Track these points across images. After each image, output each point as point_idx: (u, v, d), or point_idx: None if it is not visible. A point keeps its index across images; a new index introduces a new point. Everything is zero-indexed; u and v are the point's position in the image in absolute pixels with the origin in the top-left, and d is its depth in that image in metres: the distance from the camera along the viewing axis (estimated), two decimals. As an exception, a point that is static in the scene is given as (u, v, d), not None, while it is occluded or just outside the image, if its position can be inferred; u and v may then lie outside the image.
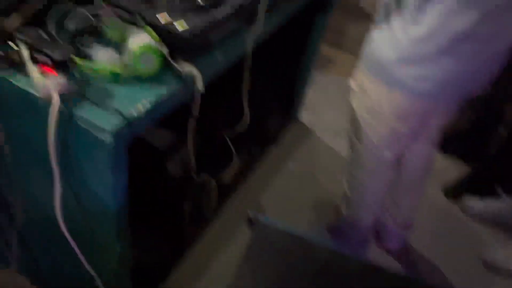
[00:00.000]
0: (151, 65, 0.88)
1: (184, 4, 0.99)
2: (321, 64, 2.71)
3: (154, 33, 0.91)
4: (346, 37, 2.94)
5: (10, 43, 0.84)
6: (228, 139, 1.44)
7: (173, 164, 1.25)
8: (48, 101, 0.77)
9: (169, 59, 0.89)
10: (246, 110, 1.28)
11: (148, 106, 0.83)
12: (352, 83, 1.31)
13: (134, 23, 0.93)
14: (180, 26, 0.92)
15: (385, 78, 1.12)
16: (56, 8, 0.93)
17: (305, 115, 2.32)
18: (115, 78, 0.86)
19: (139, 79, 0.88)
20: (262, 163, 2.02)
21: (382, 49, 1.12)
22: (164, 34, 0.91)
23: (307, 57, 2.03)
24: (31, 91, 0.79)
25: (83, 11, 0.95)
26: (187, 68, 0.92)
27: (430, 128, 1.39)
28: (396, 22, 1.07)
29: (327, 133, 2.26)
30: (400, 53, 1.07)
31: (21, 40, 0.82)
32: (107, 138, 0.77)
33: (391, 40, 1.09)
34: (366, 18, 2.23)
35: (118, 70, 0.85)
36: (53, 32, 0.89)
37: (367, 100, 1.22)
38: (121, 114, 0.79)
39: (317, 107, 2.39)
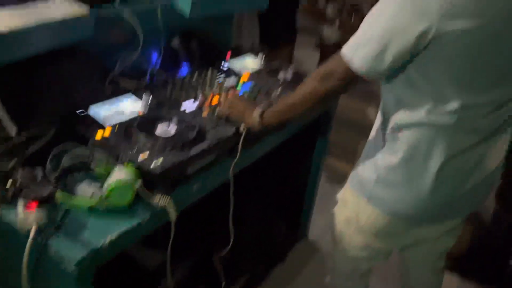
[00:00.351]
0: (124, 198, 0.99)
1: (167, 144, 1.13)
2: (336, 180, 2.77)
3: (134, 169, 1.04)
4: (358, 153, 3.04)
5: (10, 180, 0.99)
6: (218, 262, 1.47)
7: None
8: (26, 233, 0.88)
9: (140, 192, 1.00)
10: (232, 233, 1.34)
11: (115, 237, 0.92)
12: (338, 196, 1.36)
13: (119, 161, 1.08)
14: (154, 163, 1.04)
15: (365, 193, 1.19)
16: (57, 148, 1.09)
17: (314, 231, 2.31)
18: (92, 210, 0.97)
19: (114, 211, 0.99)
20: (266, 283, 1.99)
21: (364, 171, 1.21)
22: (142, 170, 1.04)
23: (311, 175, 2.11)
24: (14, 223, 0.91)
25: (78, 150, 1.11)
26: (159, 199, 1.02)
27: (428, 254, 1.39)
28: (379, 152, 1.16)
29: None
30: (378, 176, 1.14)
31: (15, 179, 0.96)
32: (72, 268, 0.85)
33: (372, 165, 1.17)
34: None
35: (94, 204, 0.97)
36: (47, 170, 1.03)
37: (346, 211, 1.28)
38: (88, 245, 0.88)
39: (326, 223, 2.39)
